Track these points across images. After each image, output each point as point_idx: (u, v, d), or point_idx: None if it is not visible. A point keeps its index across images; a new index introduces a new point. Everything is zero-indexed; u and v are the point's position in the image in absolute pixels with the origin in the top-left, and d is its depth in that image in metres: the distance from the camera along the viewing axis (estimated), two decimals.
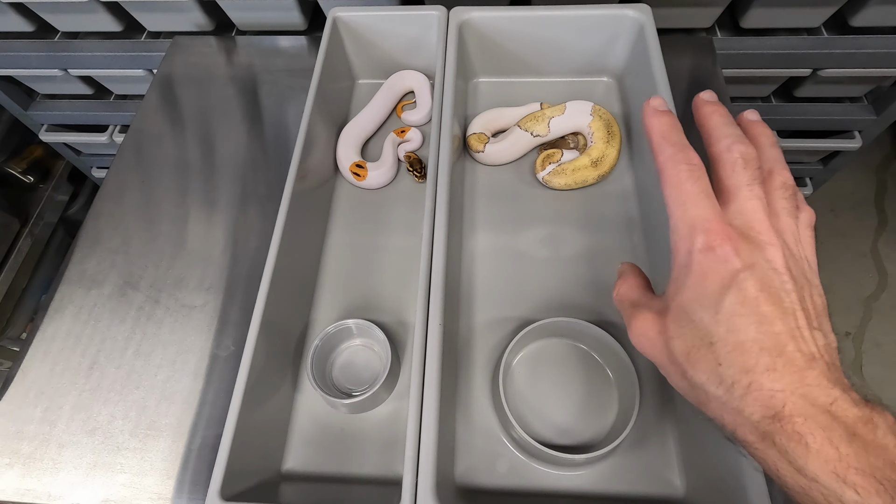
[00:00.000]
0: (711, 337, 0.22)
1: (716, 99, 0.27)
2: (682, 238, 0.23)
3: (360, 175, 0.48)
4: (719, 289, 0.22)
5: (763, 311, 0.21)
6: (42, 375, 0.43)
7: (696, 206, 0.23)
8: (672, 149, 0.24)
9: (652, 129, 0.26)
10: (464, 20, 0.49)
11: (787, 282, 0.22)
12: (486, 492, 0.35)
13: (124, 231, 0.50)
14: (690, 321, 0.23)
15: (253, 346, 0.35)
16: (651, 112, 0.26)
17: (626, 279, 0.29)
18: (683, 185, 0.23)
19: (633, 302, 0.27)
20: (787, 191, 0.24)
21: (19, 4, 0.67)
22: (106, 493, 0.38)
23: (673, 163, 0.24)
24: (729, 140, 0.24)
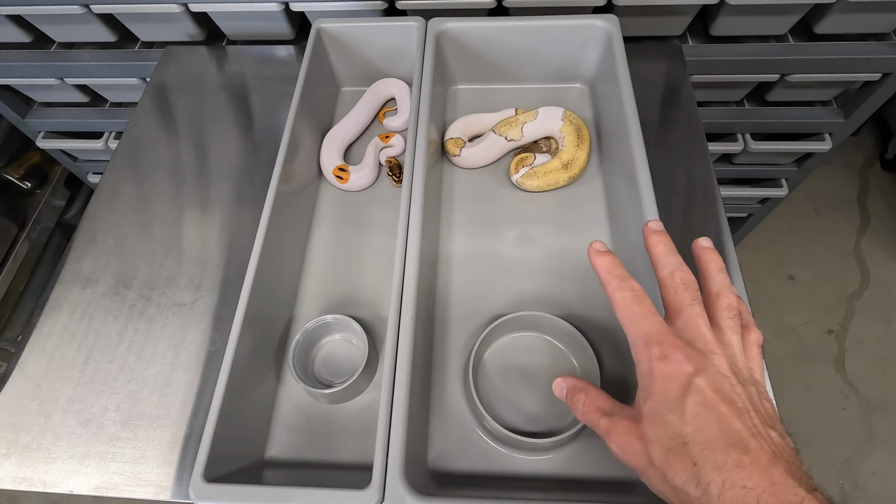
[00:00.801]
0: (683, 437, 0.24)
1: (662, 227, 0.32)
2: (640, 350, 0.27)
3: (343, 178, 0.50)
4: (680, 392, 0.25)
5: (721, 411, 0.24)
6: (39, 370, 0.45)
7: (646, 323, 0.27)
8: (616, 280, 0.29)
9: (599, 267, 0.30)
10: (441, 30, 0.51)
11: (735, 385, 0.25)
12: (459, 476, 0.37)
13: (118, 232, 0.52)
14: (663, 423, 0.25)
15: (236, 340, 0.37)
16: (595, 254, 0.31)
17: (586, 392, 0.31)
18: (631, 307, 0.28)
19: (605, 411, 0.29)
20: (731, 311, 0.28)
21: (17, 16, 0.70)
22: (99, 480, 0.40)
23: (620, 290, 0.28)
24: (671, 267, 0.29)
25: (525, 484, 0.37)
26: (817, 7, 0.61)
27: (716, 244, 0.48)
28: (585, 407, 0.30)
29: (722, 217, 0.50)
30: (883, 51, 0.64)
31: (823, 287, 1.28)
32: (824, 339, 1.22)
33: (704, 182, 0.52)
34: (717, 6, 0.61)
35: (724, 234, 0.49)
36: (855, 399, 1.14)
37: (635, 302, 0.28)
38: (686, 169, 0.53)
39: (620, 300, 0.28)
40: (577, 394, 0.31)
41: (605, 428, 0.28)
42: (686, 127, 0.56)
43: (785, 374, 1.18)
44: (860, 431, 1.10)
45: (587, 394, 0.30)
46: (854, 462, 1.07)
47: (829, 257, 1.33)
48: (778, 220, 1.38)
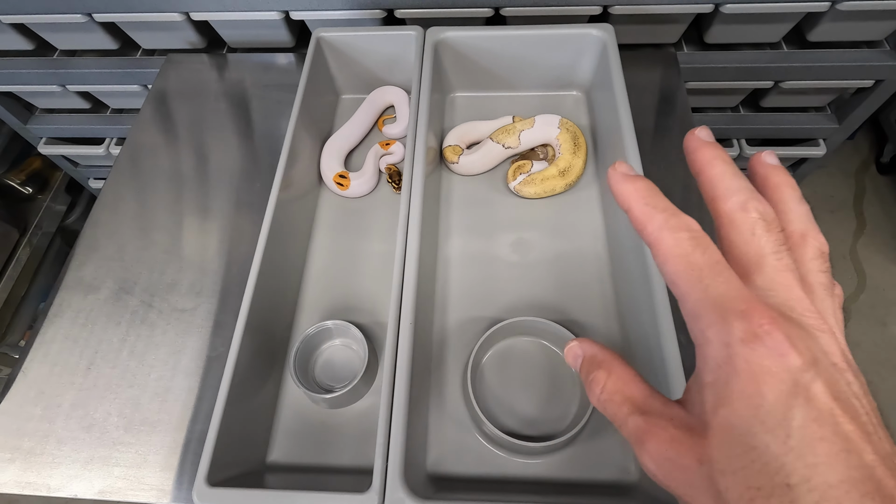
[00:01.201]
0: (787, 475, 0.15)
1: (713, 138, 0.21)
2: (710, 325, 0.17)
3: (344, 185, 0.51)
4: (783, 398, 0.15)
5: (846, 432, 0.15)
6: (42, 376, 0.45)
7: (717, 281, 0.17)
8: (662, 215, 0.19)
9: (629, 197, 0.20)
10: (440, 39, 0.52)
11: (852, 382, 0.17)
12: (457, 479, 0.38)
13: (120, 239, 0.53)
14: (751, 449, 0.15)
15: (238, 346, 0.37)
16: (620, 178, 0.20)
17: (609, 370, 0.21)
18: (691, 257, 0.18)
19: (638, 405, 0.19)
20: (824, 262, 0.19)
21: (20, 25, 0.70)
22: (102, 484, 0.40)
23: (670, 231, 0.18)
24: (743, 196, 0.19)
25: (522, 487, 0.37)
26: (810, 15, 0.62)
27: None
28: (606, 392, 0.20)
29: None
30: (875, 58, 0.65)
31: None
32: None
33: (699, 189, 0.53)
34: (711, 14, 0.62)
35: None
36: None
37: (696, 248, 0.18)
38: (681, 175, 0.54)
39: (672, 246, 0.18)
40: (595, 370, 0.21)
41: (636, 431, 0.19)
42: (681, 134, 0.57)
43: None
44: None
45: (610, 373, 0.21)
46: None
47: None
48: None
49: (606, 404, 0.20)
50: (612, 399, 0.20)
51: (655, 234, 0.19)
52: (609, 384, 0.20)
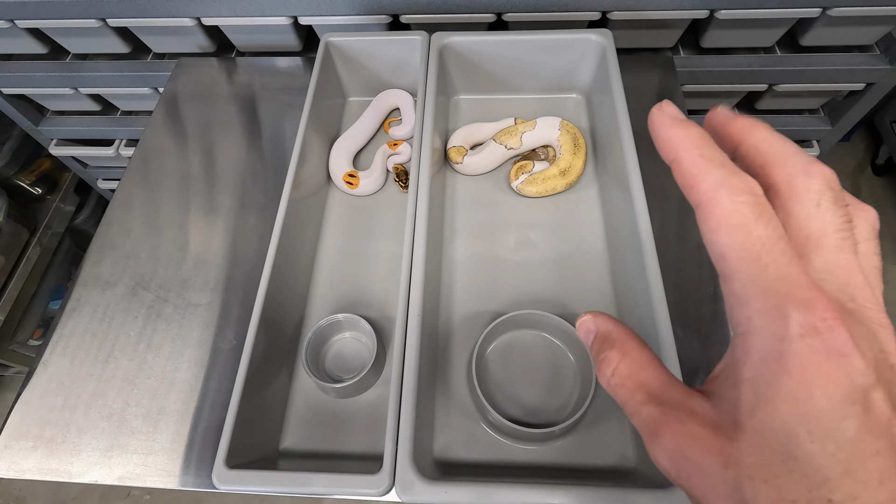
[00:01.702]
0: (831, 489, 0.13)
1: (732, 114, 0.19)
2: (761, 313, 0.15)
3: (353, 184, 0.53)
4: (838, 406, 0.13)
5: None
6: (62, 368, 0.47)
7: (780, 263, 0.15)
8: (721, 171, 0.15)
9: (678, 145, 0.16)
10: (444, 44, 0.54)
11: None
12: (463, 465, 0.40)
13: (135, 237, 0.55)
14: (792, 458, 0.14)
15: (253, 338, 0.39)
16: (669, 122, 0.17)
17: (623, 350, 0.19)
18: (752, 229, 0.15)
19: (653, 393, 0.17)
20: (877, 242, 0.17)
21: (34, 29, 0.72)
22: (121, 471, 0.42)
23: (728, 192, 0.15)
24: (804, 160, 0.16)
25: (525, 472, 0.39)
26: (802, 21, 0.64)
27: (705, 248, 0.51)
28: (618, 376, 0.18)
29: None
30: (866, 62, 0.67)
31: None
32: None
33: None
34: (706, 20, 0.64)
35: None
36: None
37: (760, 217, 0.15)
38: None
39: (730, 212, 0.15)
40: (607, 349, 0.19)
41: (650, 422, 0.17)
42: None
43: None
44: None
45: (624, 354, 0.19)
46: None
47: None
48: None
49: (618, 389, 0.18)
50: (624, 384, 0.18)
51: (710, 193, 0.15)
52: (622, 367, 0.18)
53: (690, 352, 0.45)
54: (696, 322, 0.46)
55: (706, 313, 0.47)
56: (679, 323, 0.45)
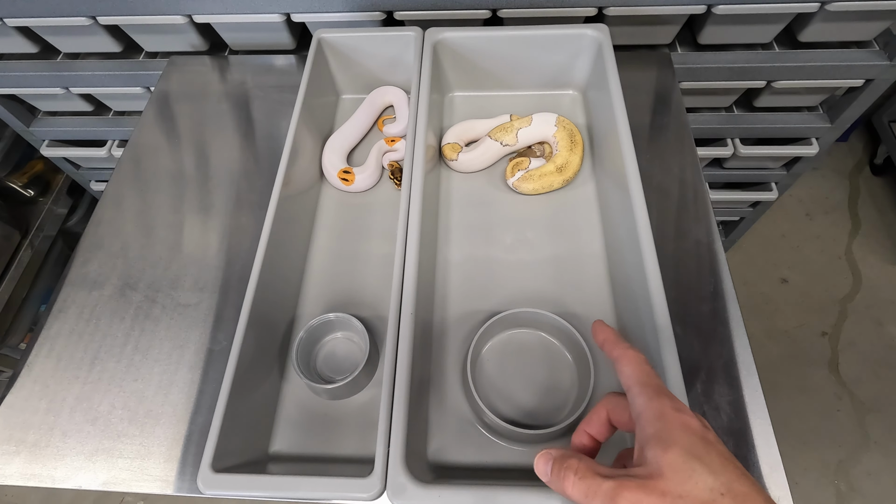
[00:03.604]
0: (718, 489, 0.23)
1: None
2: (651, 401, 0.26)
3: (349, 180, 0.52)
4: (703, 444, 0.24)
5: (738, 465, 0.24)
6: (47, 370, 0.46)
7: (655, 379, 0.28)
8: (625, 344, 0.30)
9: (610, 333, 0.31)
10: (438, 40, 0.53)
11: None
12: (457, 467, 0.39)
13: (124, 237, 0.54)
14: (689, 476, 0.23)
15: (241, 339, 0.38)
16: (601, 325, 0.32)
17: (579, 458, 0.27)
18: (644, 366, 0.28)
19: (605, 475, 0.25)
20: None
21: (24, 28, 0.71)
22: (107, 476, 0.41)
23: (634, 352, 0.29)
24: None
25: (521, 475, 0.38)
26: (800, 16, 0.63)
27: (705, 245, 0.50)
28: (580, 472, 0.26)
29: (711, 219, 0.52)
30: (865, 58, 0.67)
31: (816, 290, 1.30)
32: (818, 342, 1.23)
33: (694, 185, 0.54)
34: (704, 16, 0.63)
35: (713, 235, 0.50)
36: (849, 401, 1.15)
37: (644, 362, 0.29)
38: (676, 172, 0.55)
39: (634, 357, 0.29)
40: (566, 460, 0.27)
41: (610, 490, 0.24)
42: (675, 132, 0.58)
43: (779, 375, 1.19)
44: (854, 433, 1.12)
45: (580, 459, 0.27)
46: (848, 463, 1.08)
47: (821, 261, 1.35)
48: (771, 224, 1.40)
49: (581, 482, 0.26)
50: (585, 476, 0.26)
51: (622, 351, 0.29)
52: (582, 465, 0.26)
53: (690, 350, 0.44)
54: (696, 320, 0.45)
55: (706, 311, 0.46)
56: (678, 321, 0.44)
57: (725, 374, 0.43)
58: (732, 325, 0.45)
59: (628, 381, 0.28)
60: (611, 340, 0.30)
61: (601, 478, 0.25)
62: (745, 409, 0.41)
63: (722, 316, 0.46)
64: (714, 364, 0.43)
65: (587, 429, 0.31)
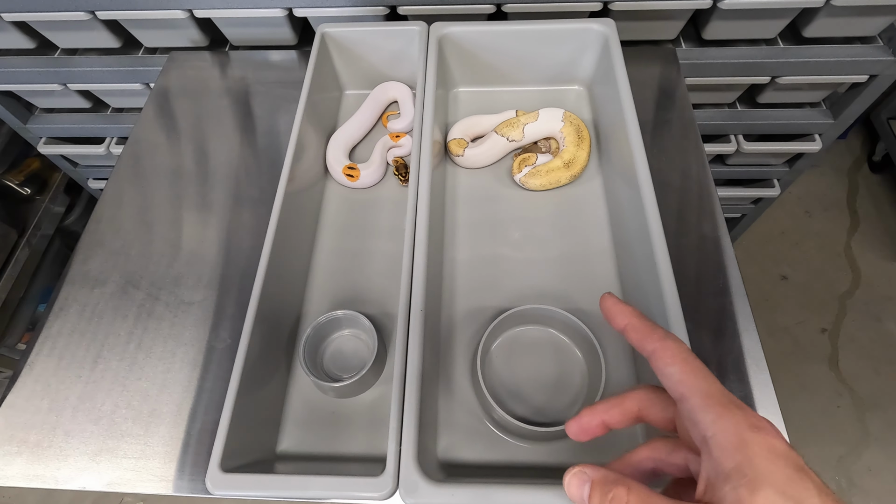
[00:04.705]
0: None
1: None
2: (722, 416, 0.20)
3: (354, 176, 0.51)
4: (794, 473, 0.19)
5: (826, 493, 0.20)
6: (48, 369, 0.45)
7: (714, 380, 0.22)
8: (661, 330, 0.24)
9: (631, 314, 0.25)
10: (443, 34, 0.53)
11: None
12: (467, 465, 0.38)
13: (125, 234, 0.53)
14: None
15: (248, 337, 0.38)
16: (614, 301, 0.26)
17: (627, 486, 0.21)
18: (693, 360, 0.23)
19: None
20: None
21: (21, 23, 0.70)
22: (110, 476, 0.40)
23: (673, 340, 0.23)
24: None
25: (531, 472, 0.38)
26: (805, 11, 0.63)
27: (712, 240, 0.50)
28: None
29: (718, 214, 0.51)
30: (869, 53, 0.67)
31: (816, 287, 1.31)
32: (817, 338, 1.23)
33: (700, 180, 0.54)
34: (709, 11, 0.63)
35: (721, 230, 0.50)
36: (849, 397, 1.16)
37: (691, 353, 0.23)
38: (681, 168, 0.55)
39: (677, 350, 0.23)
40: (611, 488, 0.21)
41: None
42: (681, 128, 0.58)
43: (779, 372, 1.19)
44: (854, 429, 1.12)
45: (629, 487, 0.21)
46: (849, 459, 1.09)
47: (820, 258, 1.35)
48: (770, 222, 1.40)
49: None
50: None
51: (660, 342, 0.24)
52: (632, 498, 0.20)
53: (699, 346, 0.44)
54: (706, 316, 0.45)
55: (714, 307, 0.46)
56: (688, 317, 0.44)
57: (735, 370, 0.42)
58: (741, 320, 0.45)
59: (681, 389, 0.22)
60: (638, 329, 0.24)
61: None
62: (754, 405, 0.41)
63: (730, 311, 0.45)
64: (723, 360, 0.43)
65: (605, 417, 0.26)
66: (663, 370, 0.22)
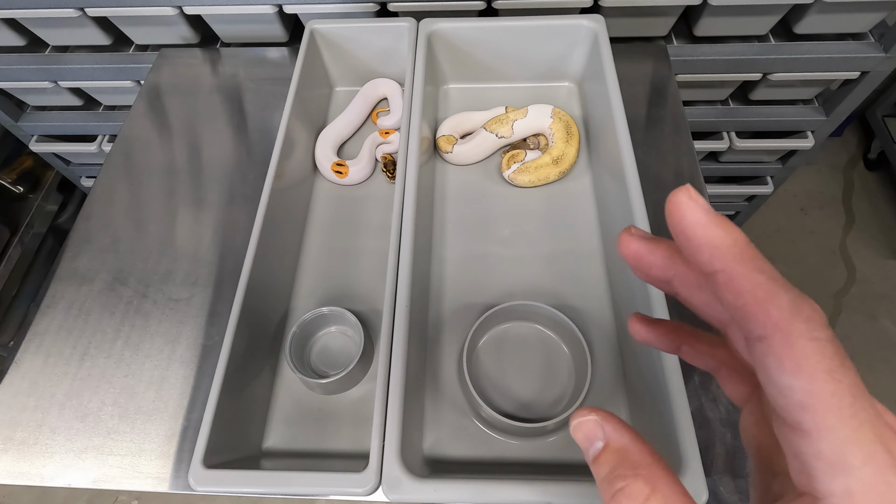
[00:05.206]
0: None
1: None
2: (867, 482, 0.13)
3: (343, 173, 0.51)
4: None
5: None
6: (35, 366, 0.45)
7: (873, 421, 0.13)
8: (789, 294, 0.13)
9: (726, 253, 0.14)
10: (432, 31, 0.53)
11: None
12: (453, 461, 0.38)
13: (113, 231, 0.53)
14: None
15: (233, 334, 0.37)
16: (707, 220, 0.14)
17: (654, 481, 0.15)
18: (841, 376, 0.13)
19: None
20: None
21: (11, 20, 0.70)
22: (96, 473, 0.40)
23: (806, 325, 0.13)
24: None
25: (518, 469, 0.38)
26: (796, 7, 0.63)
27: None
28: None
29: None
30: (860, 50, 0.66)
31: (810, 284, 1.31)
32: None
33: (691, 177, 0.54)
34: (700, 7, 0.63)
35: None
36: None
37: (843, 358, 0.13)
38: (672, 165, 0.55)
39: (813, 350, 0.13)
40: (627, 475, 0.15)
41: None
42: (672, 124, 0.58)
43: None
44: None
45: (654, 488, 0.15)
46: None
47: (815, 255, 1.35)
48: (765, 219, 1.40)
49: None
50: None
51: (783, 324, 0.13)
52: (657, 497, 0.14)
53: None
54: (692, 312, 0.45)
55: None
56: (675, 313, 0.44)
57: None
58: None
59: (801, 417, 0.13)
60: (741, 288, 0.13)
61: None
62: None
63: None
64: None
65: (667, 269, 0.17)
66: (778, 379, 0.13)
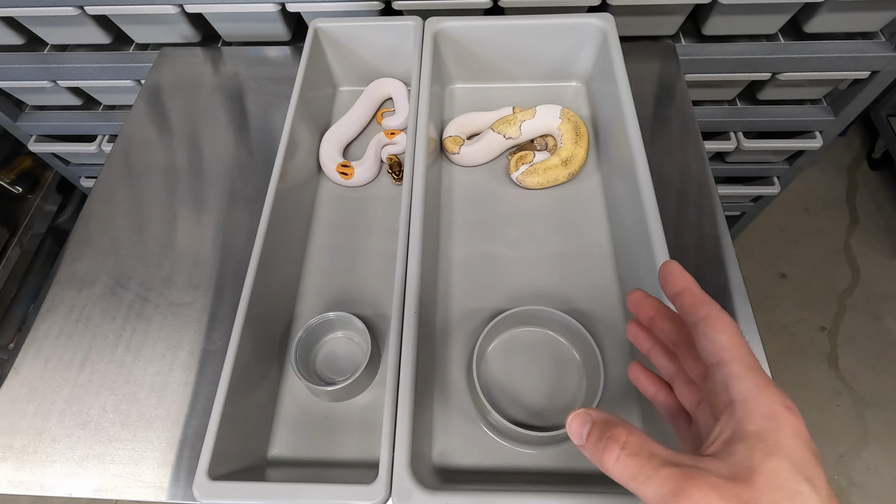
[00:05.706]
0: None
1: None
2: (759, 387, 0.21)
3: (348, 174, 0.50)
4: (815, 459, 0.20)
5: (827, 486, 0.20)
6: (35, 372, 0.44)
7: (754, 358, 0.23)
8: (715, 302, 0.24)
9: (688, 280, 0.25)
10: (438, 29, 0.52)
11: None
12: (463, 471, 0.37)
13: (114, 233, 0.52)
14: (795, 493, 0.19)
15: (238, 339, 0.37)
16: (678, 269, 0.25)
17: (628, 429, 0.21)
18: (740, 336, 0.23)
19: (666, 459, 0.20)
20: None
21: (9, 18, 0.69)
22: (98, 483, 0.39)
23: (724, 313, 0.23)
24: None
25: (529, 478, 0.37)
26: (807, 6, 0.62)
27: (712, 238, 0.49)
28: (630, 447, 0.20)
29: (719, 213, 0.50)
30: (871, 49, 0.66)
31: (815, 285, 1.30)
32: (817, 337, 1.23)
33: (700, 177, 0.53)
34: (709, 5, 0.62)
35: (721, 229, 0.49)
36: (848, 395, 1.15)
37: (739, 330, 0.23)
38: (681, 165, 0.54)
39: (729, 322, 0.23)
40: (612, 428, 0.21)
41: (671, 481, 0.19)
42: (680, 124, 0.57)
43: (778, 370, 1.19)
44: (854, 427, 1.11)
45: (630, 432, 0.21)
46: (849, 458, 1.08)
47: (819, 255, 1.34)
48: (769, 219, 1.40)
49: (630, 459, 0.20)
50: (637, 454, 0.20)
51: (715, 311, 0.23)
52: (632, 439, 0.20)
53: None
54: None
55: None
56: None
57: None
58: (741, 320, 0.44)
59: (723, 354, 0.22)
60: (696, 295, 0.24)
61: (659, 460, 0.20)
62: None
63: (730, 311, 0.44)
64: None
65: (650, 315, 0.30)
66: (711, 335, 0.22)
